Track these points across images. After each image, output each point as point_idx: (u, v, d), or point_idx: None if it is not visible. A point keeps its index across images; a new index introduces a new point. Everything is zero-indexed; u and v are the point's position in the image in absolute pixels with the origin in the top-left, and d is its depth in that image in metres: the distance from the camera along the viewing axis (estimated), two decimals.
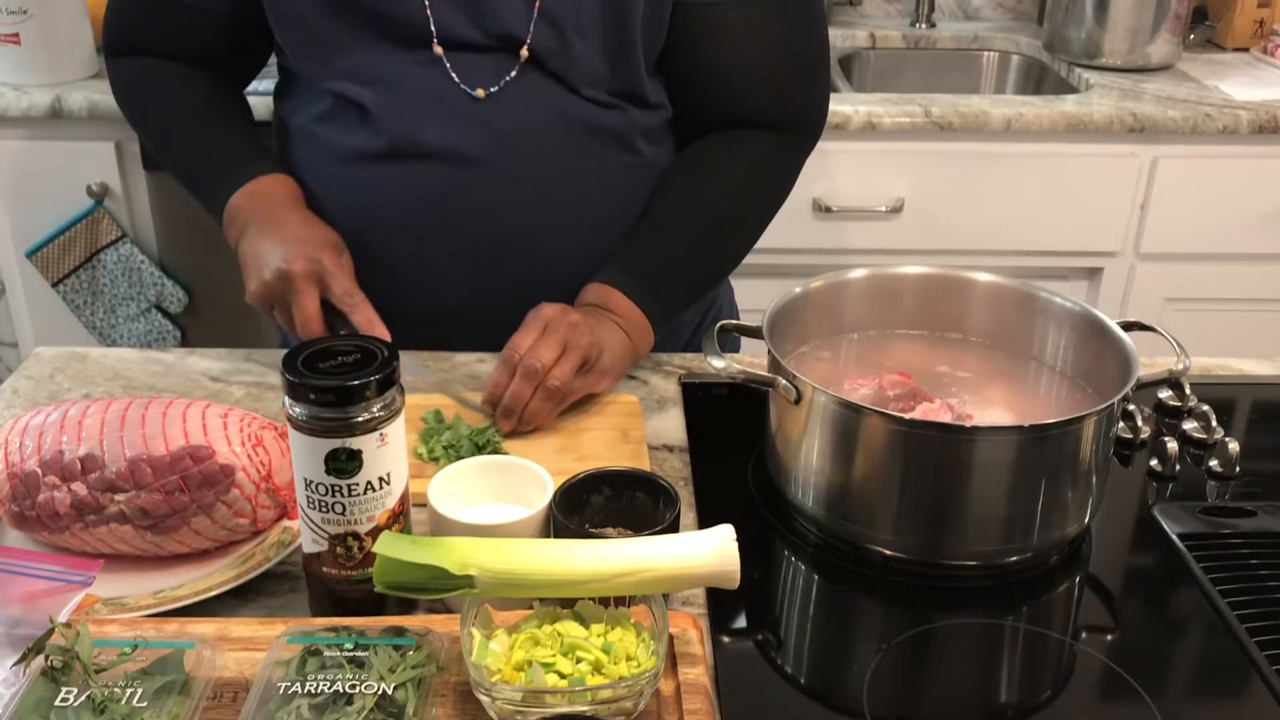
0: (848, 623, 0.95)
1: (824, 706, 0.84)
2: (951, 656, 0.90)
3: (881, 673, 0.85)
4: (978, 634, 0.91)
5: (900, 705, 0.84)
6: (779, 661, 0.88)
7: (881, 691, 0.83)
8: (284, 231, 1.16)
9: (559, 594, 0.78)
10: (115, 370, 1.23)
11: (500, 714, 0.74)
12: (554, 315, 1.12)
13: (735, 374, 0.97)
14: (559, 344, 1.09)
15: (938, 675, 0.89)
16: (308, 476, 0.82)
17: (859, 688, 0.83)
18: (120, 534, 0.90)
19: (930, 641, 0.89)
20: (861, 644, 0.90)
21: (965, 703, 0.86)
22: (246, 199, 1.20)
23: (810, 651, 0.90)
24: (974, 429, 0.90)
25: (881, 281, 1.09)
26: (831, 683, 0.86)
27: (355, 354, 0.82)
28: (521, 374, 1.08)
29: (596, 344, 1.12)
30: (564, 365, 1.09)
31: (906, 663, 0.87)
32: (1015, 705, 0.85)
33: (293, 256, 1.12)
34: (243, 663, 0.80)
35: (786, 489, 1.01)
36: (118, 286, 2.15)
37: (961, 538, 0.94)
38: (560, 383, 1.08)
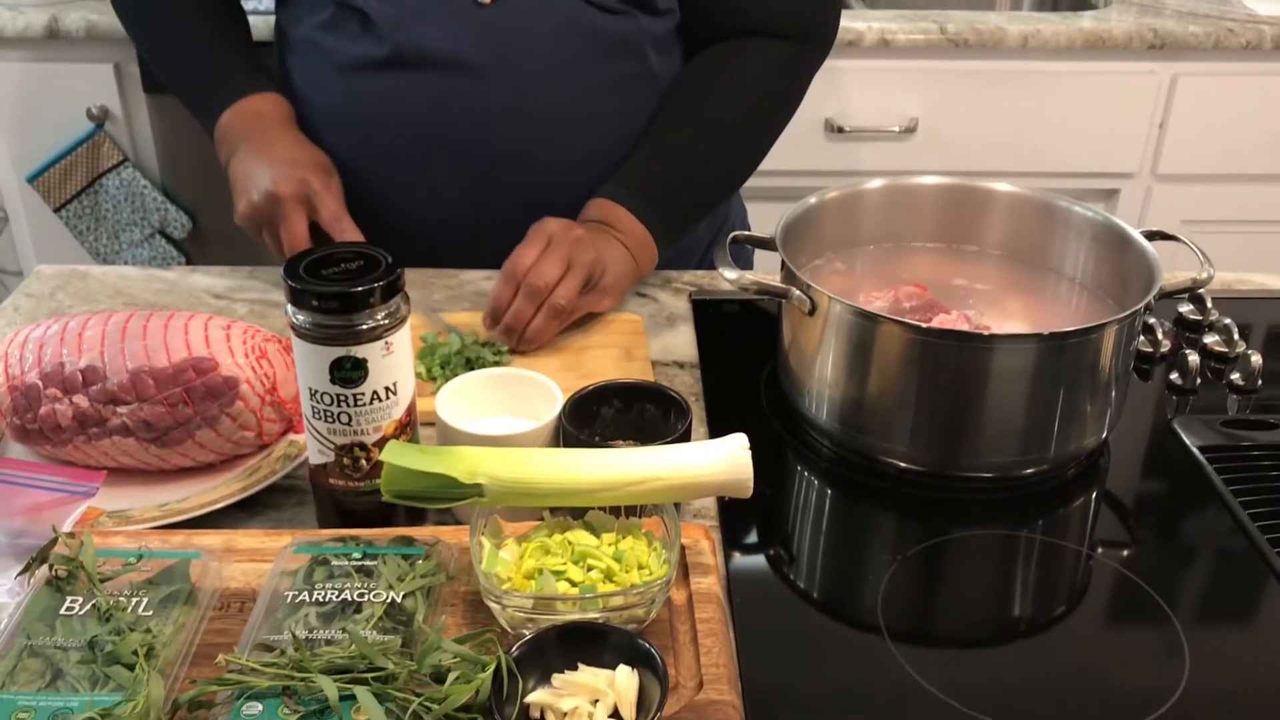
0: (861, 536, 0.93)
1: (837, 620, 0.83)
2: (966, 568, 0.88)
3: (895, 585, 0.84)
4: (993, 546, 0.90)
5: (915, 618, 0.83)
6: (791, 576, 0.87)
7: (895, 604, 0.82)
8: (273, 152, 1.14)
9: (570, 503, 0.77)
10: (117, 288, 1.21)
11: (511, 621, 0.73)
12: (557, 230, 1.10)
13: (748, 285, 0.95)
14: (563, 260, 1.07)
15: (952, 587, 0.88)
16: (313, 386, 0.80)
17: (873, 600, 0.82)
18: (124, 447, 0.89)
19: (944, 553, 0.88)
20: (875, 557, 0.89)
21: (980, 615, 0.85)
22: (237, 117, 1.19)
23: (823, 565, 0.89)
24: (993, 337, 0.88)
25: (898, 192, 1.06)
26: (845, 596, 0.85)
27: (358, 261, 0.80)
28: (525, 292, 1.06)
29: (600, 261, 1.10)
30: (568, 284, 1.07)
31: (921, 575, 0.86)
32: (1032, 617, 0.84)
33: (281, 178, 1.10)
34: (249, 573, 0.79)
35: (800, 403, 1.00)
36: (120, 212, 2.13)
37: (978, 449, 0.93)
38: (565, 301, 1.06)
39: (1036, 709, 0.74)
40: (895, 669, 0.77)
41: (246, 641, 0.70)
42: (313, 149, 1.17)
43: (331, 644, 0.70)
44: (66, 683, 0.67)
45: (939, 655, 0.79)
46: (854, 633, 0.81)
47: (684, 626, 0.76)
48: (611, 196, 1.16)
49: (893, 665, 0.77)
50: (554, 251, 1.08)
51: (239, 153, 1.16)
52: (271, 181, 1.10)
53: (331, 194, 1.11)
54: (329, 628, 0.71)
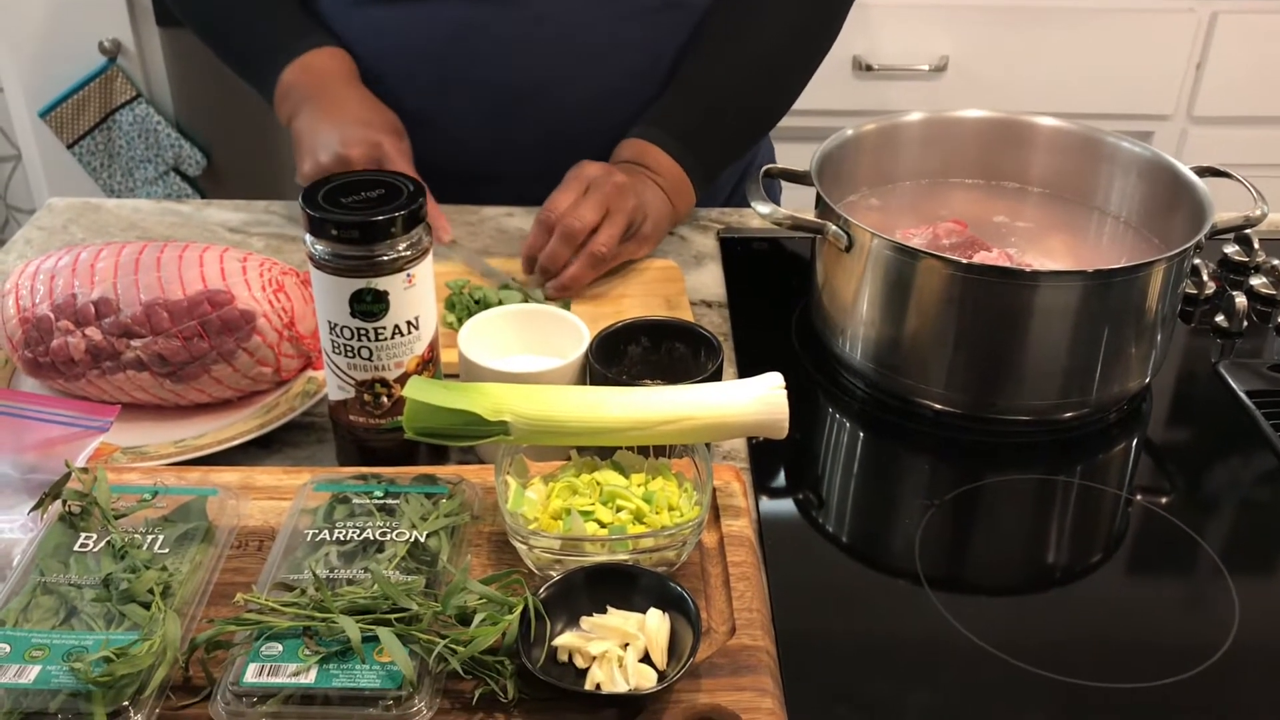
0: (896, 481, 0.91)
1: (871, 566, 0.81)
2: (1003, 514, 0.86)
3: (931, 531, 0.81)
4: (1031, 491, 0.87)
5: (951, 564, 0.81)
6: (823, 521, 0.85)
7: (931, 550, 0.79)
8: (343, 112, 1.09)
9: (598, 442, 0.74)
10: (131, 221, 1.18)
11: (538, 563, 0.71)
12: (597, 175, 1.05)
13: (781, 220, 0.91)
14: (601, 206, 1.03)
15: (989, 533, 0.85)
16: (332, 319, 0.77)
17: (908, 546, 0.80)
18: (138, 381, 0.86)
19: (981, 498, 0.86)
20: (910, 502, 0.86)
21: (1018, 561, 0.82)
22: (300, 74, 1.13)
23: (857, 510, 0.87)
24: (1037, 274, 0.85)
25: (937, 126, 1.03)
26: (879, 542, 0.83)
27: (379, 189, 0.77)
28: (560, 235, 1.02)
29: (641, 208, 1.06)
30: (609, 230, 1.03)
31: (957, 520, 0.84)
32: (1072, 564, 0.82)
33: (352, 140, 1.05)
34: (268, 511, 0.77)
35: (834, 343, 0.97)
36: (134, 148, 2.09)
37: (1017, 391, 0.90)
38: (605, 249, 1.02)
39: (1078, 658, 0.72)
40: (931, 615, 0.74)
41: (266, 580, 0.68)
42: (384, 110, 1.12)
43: (353, 584, 0.67)
44: (81, 620, 0.65)
45: (976, 602, 0.77)
46: (888, 579, 0.79)
47: (715, 570, 0.73)
48: (645, 137, 1.12)
49: (929, 611, 0.75)
50: (592, 196, 1.04)
51: (304, 110, 1.10)
52: (341, 143, 1.05)
53: (405, 159, 1.07)
54: (350, 567, 0.69)
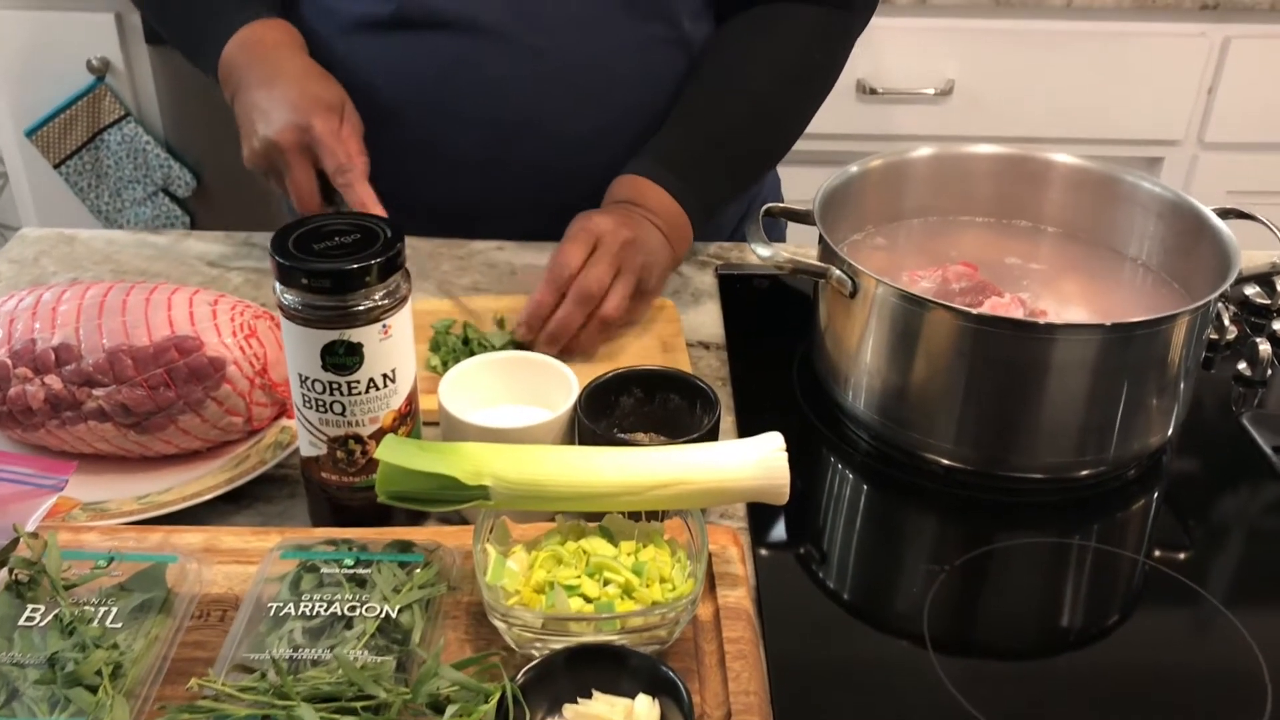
0: (904, 541, 0.86)
1: (878, 642, 0.75)
2: (1018, 581, 0.81)
3: (942, 599, 0.76)
4: (1047, 556, 0.82)
5: (965, 637, 0.76)
6: (828, 584, 0.80)
7: (943, 621, 0.74)
8: (276, 88, 1.01)
9: (585, 508, 0.70)
10: (106, 253, 1.14)
11: (517, 641, 0.66)
12: (606, 230, 0.98)
13: (783, 263, 0.87)
14: (614, 265, 0.97)
15: (1005, 602, 0.80)
16: (303, 372, 0.73)
17: (917, 616, 0.75)
18: (100, 432, 0.82)
19: (994, 563, 0.81)
20: (919, 567, 0.81)
21: (1038, 633, 0.77)
22: (240, 49, 1.06)
23: (862, 575, 0.82)
24: (1053, 326, 0.80)
25: (947, 162, 0.98)
26: (888, 611, 0.78)
27: (354, 234, 0.72)
28: (575, 297, 0.95)
29: (650, 266, 0.99)
30: (620, 291, 0.96)
31: (968, 588, 0.79)
32: (1095, 636, 0.76)
33: (282, 124, 0.98)
34: (232, 577, 0.72)
35: (836, 391, 0.92)
36: (123, 169, 2.05)
37: (1031, 448, 0.85)
38: (616, 313, 0.96)
39: None
40: (943, 696, 0.69)
41: (224, 661, 0.63)
42: (322, 81, 1.03)
43: (319, 665, 0.62)
44: (23, 704, 0.60)
45: (990, 682, 0.72)
46: (896, 655, 0.73)
47: (710, 647, 0.68)
48: (641, 171, 1.07)
49: (940, 692, 0.70)
50: (604, 255, 0.97)
51: (243, 87, 1.04)
52: (271, 128, 0.99)
53: (339, 140, 0.99)
54: (316, 645, 0.64)
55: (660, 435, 0.83)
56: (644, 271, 0.99)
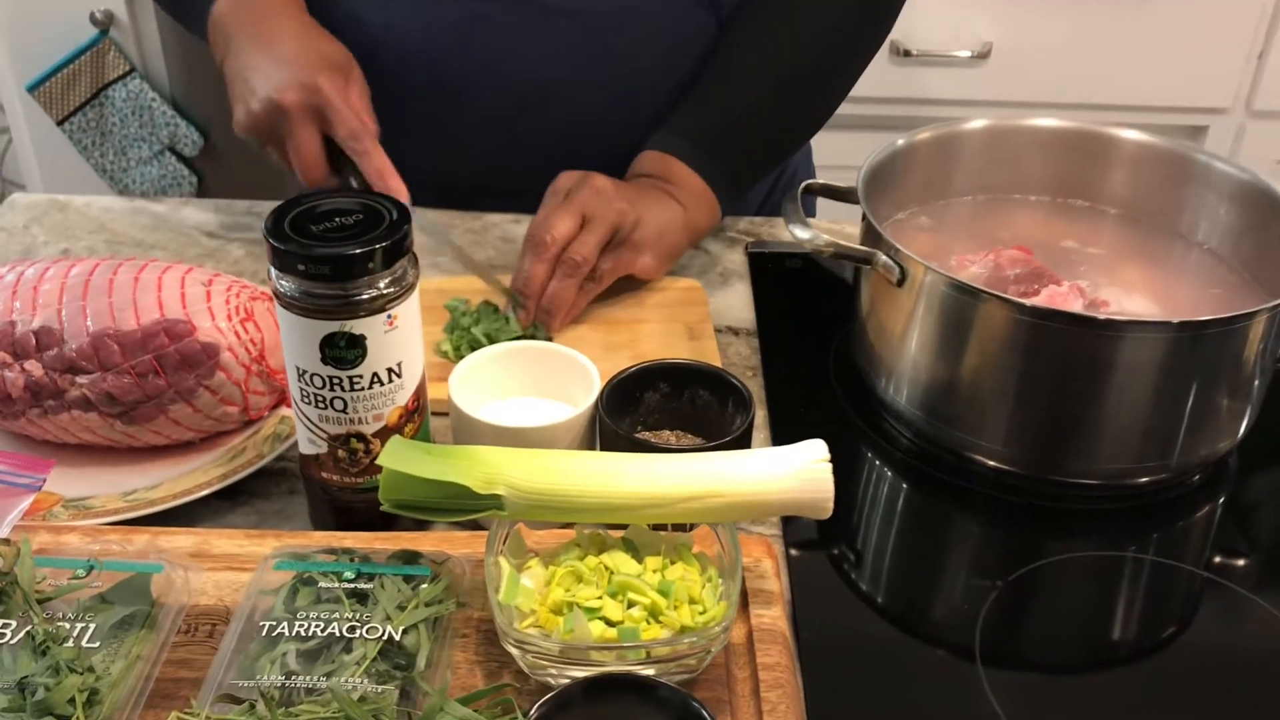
0: (949, 550, 0.79)
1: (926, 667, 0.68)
2: (1076, 595, 0.74)
3: (995, 619, 0.70)
4: (1109, 569, 0.76)
5: (1020, 664, 0.69)
6: (869, 595, 0.74)
7: (997, 644, 0.68)
8: (275, 47, 0.93)
9: (607, 519, 0.63)
10: (100, 222, 1.07)
11: (532, 667, 0.60)
12: (573, 183, 0.93)
13: (823, 246, 0.80)
14: (575, 213, 0.90)
15: (1064, 623, 0.73)
16: (301, 365, 0.67)
17: (968, 638, 0.69)
18: (85, 422, 0.76)
19: (1051, 578, 0.74)
20: (968, 578, 0.75)
21: (1094, 650, 0.71)
22: (233, 7, 0.98)
23: (907, 589, 0.75)
24: (1121, 324, 0.73)
25: (1002, 135, 0.90)
26: (935, 632, 0.71)
27: (357, 214, 0.66)
28: (530, 249, 0.90)
29: (627, 213, 0.92)
30: (585, 237, 0.90)
31: (1024, 606, 0.72)
32: (1172, 661, 0.70)
33: (285, 84, 0.90)
34: (223, 586, 0.67)
35: (878, 384, 0.85)
36: (128, 126, 1.98)
37: (1088, 452, 0.78)
38: (580, 256, 0.89)
39: None
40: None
41: (210, 689, 0.57)
42: (325, 40, 0.96)
43: (314, 694, 0.57)
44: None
45: (1053, 711, 0.66)
46: (949, 680, 0.67)
47: (743, 674, 0.63)
48: (665, 147, 1.00)
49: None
50: (567, 204, 0.91)
51: (234, 47, 0.96)
52: (273, 88, 0.90)
53: (348, 102, 0.91)
54: (311, 671, 0.58)
55: (688, 433, 0.76)
56: (621, 218, 0.92)
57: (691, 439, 0.76)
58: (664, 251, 0.96)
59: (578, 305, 0.91)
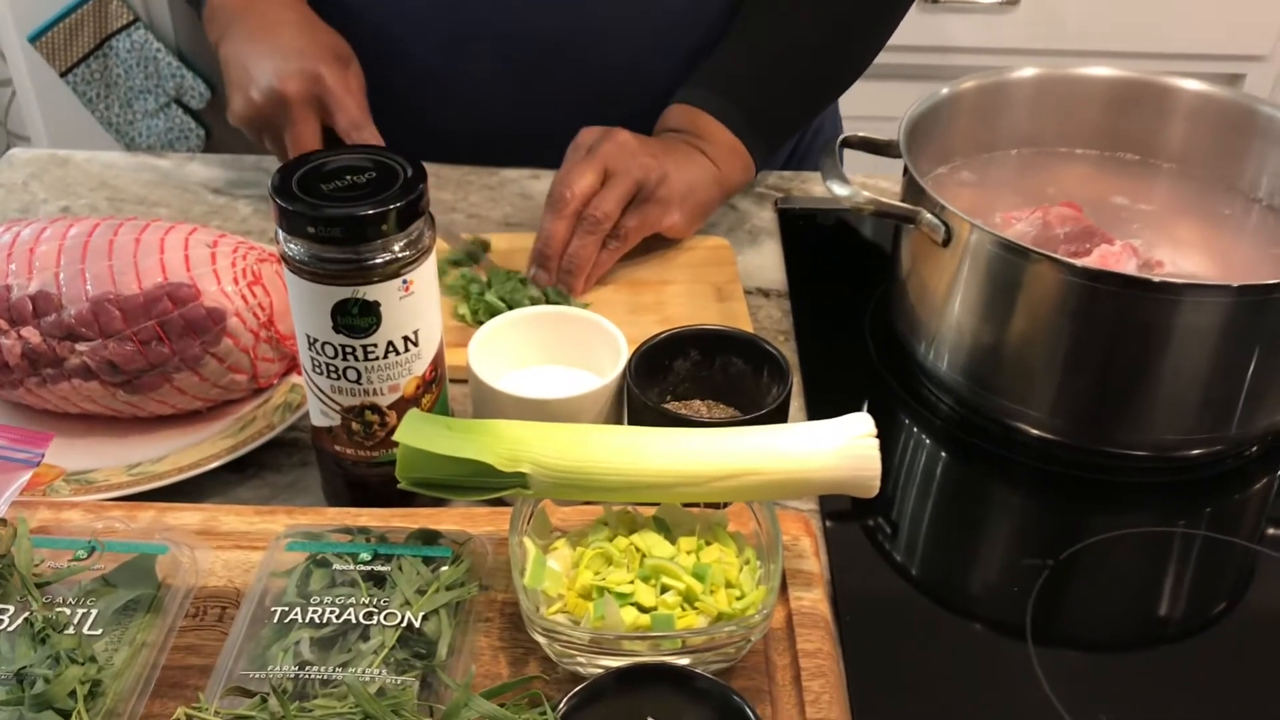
0: (994, 525, 0.76)
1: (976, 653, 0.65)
2: (1131, 573, 0.71)
3: (1047, 601, 0.66)
4: (1161, 546, 0.72)
5: (1076, 649, 0.65)
6: (911, 572, 0.70)
7: (1051, 630, 0.65)
8: (277, 37, 0.91)
9: (639, 499, 0.60)
10: (101, 178, 1.03)
11: (560, 656, 0.57)
12: (596, 138, 0.89)
13: (864, 204, 0.75)
14: (597, 169, 0.86)
15: (1115, 600, 0.69)
16: (311, 333, 0.63)
17: (1019, 622, 0.65)
18: (86, 391, 0.72)
19: (1103, 555, 0.70)
20: (1016, 556, 0.71)
21: (1156, 634, 0.67)
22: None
23: (951, 564, 0.72)
24: (1179, 287, 0.68)
25: (1052, 86, 0.85)
26: (984, 612, 0.67)
27: (370, 172, 0.61)
28: (550, 206, 0.86)
29: (653, 168, 0.88)
30: (606, 193, 0.86)
31: (1077, 588, 0.69)
32: (1242, 648, 0.67)
33: (287, 73, 0.88)
34: (233, 566, 0.63)
35: (917, 349, 0.81)
36: (133, 78, 1.93)
37: (1140, 422, 0.74)
38: (601, 213, 0.85)
39: None
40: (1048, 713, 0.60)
41: (219, 681, 0.54)
42: (327, 32, 0.94)
43: (329, 686, 0.53)
44: None
45: (1112, 697, 0.62)
46: (1000, 664, 0.63)
47: (783, 660, 0.59)
48: (694, 100, 0.95)
49: (1046, 708, 0.60)
50: (589, 158, 0.87)
51: (232, 33, 0.93)
52: (275, 76, 0.88)
53: (351, 93, 0.90)
54: (327, 661, 0.55)
55: (719, 403, 0.72)
56: (645, 173, 0.87)
57: (723, 409, 0.72)
58: (693, 209, 0.91)
59: (602, 265, 0.87)
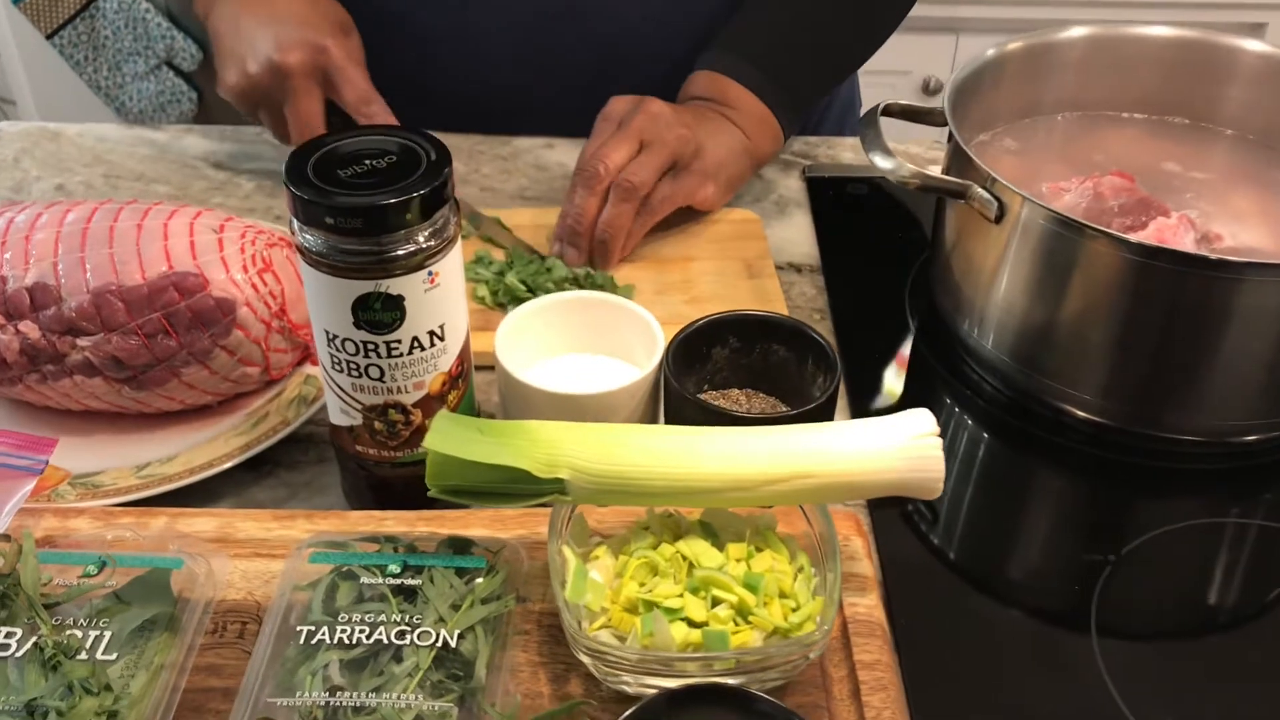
0: (1046, 514, 0.72)
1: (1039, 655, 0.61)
2: (1197, 566, 0.67)
3: (1111, 598, 0.63)
4: (1216, 534, 0.69)
5: (1131, 627, 0.62)
6: (963, 564, 0.67)
7: (1118, 632, 0.61)
8: (273, 5, 0.86)
9: (685, 504, 0.56)
10: (96, 153, 0.99)
11: (605, 675, 0.53)
12: (627, 109, 0.84)
13: (909, 178, 0.71)
14: (633, 140, 0.82)
15: (1173, 589, 0.66)
16: (331, 329, 0.59)
17: (1084, 621, 0.62)
18: (89, 388, 0.68)
19: (1168, 548, 0.67)
20: (1074, 549, 0.67)
21: (1199, 618, 0.64)
22: None
23: (1006, 557, 0.68)
24: (1240, 265, 0.64)
25: (1105, 46, 0.80)
26: (1045, 608, 0.64)
27: (391, 155, 0.57)
28: (582, 180, 0.81)
29: (688, 139, 0.84)
30: (643, 161, 0.81)
31: (1143, 581, 0.65)
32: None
33: (288, 43, 0.83)
34: (252, 577, 0.60)
35: (960, 325, 0.77)
36: (121, 40, 1.86)
37: (1194, 406, 0.70)
38: (637, 179, 0.80)
39: None
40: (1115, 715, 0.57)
41: (244, 706, 0.51)
42: (324, 1, 0.89)
43: (362, 713, 0.50)
44: None
45: (1175, 701, 0.59)
46: (1059, 665, 0.60)
47: (839, 672, 0.56)
48: (716, 67, 0.90)
49: (1112, 710, 0.57)
50: (622, 132, 0.82)
51: (223, 3, 0.89)
52: (275, 47, 0.84)
53: (356, 66, 0.85)
54: (359, 686, 0.51)
55: (759, 392, 0.69)
56: (681, 145, 0.83)
57: (763, 398, 0.68)
58: (726, 181, 0.87)
59: (635, 236, 0.83)
